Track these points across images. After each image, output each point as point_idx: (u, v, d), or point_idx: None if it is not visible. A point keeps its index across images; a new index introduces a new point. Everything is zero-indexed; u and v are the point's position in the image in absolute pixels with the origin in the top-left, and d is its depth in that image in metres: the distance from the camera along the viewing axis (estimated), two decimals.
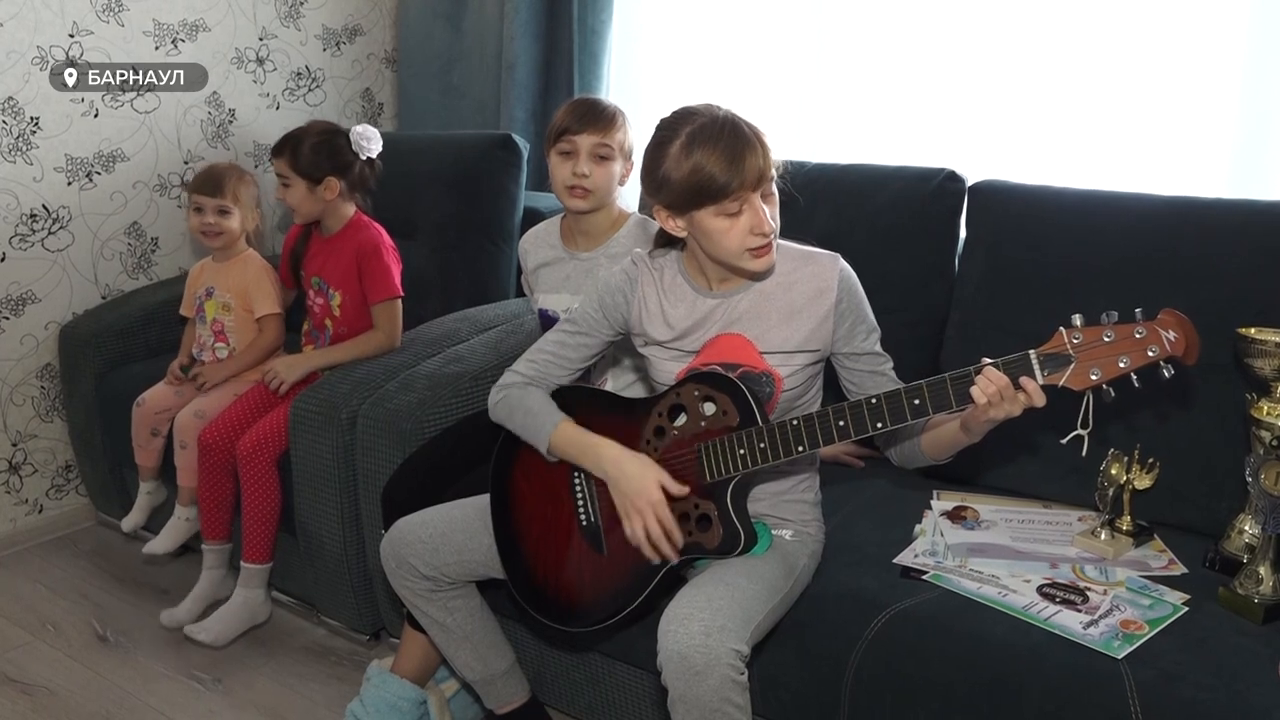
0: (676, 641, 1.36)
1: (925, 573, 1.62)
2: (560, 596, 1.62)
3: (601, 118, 1.89)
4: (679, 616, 1.38)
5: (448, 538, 1.69)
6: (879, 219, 2.12)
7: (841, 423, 1.43)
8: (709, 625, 1.36)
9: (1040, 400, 1.34)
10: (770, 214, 1.47)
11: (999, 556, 1.66)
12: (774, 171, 1.47)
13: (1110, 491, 1.69)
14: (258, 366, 2.46)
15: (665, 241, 1.63)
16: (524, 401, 1.64)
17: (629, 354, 1.90)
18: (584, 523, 1.61)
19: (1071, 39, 2.24)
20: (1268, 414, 1.57)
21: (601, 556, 1.59)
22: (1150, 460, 1.72)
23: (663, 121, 1.52)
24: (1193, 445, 1.77)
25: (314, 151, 2.32)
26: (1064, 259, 1.93)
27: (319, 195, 2.35)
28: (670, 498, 1.51)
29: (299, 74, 3.16)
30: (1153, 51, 2.15)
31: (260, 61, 3.06)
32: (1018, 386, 1.34)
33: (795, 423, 1.45)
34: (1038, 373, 1.34)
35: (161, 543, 2.42)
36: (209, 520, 2.33)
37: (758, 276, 1.55)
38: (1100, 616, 1.49)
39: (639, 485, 1.51)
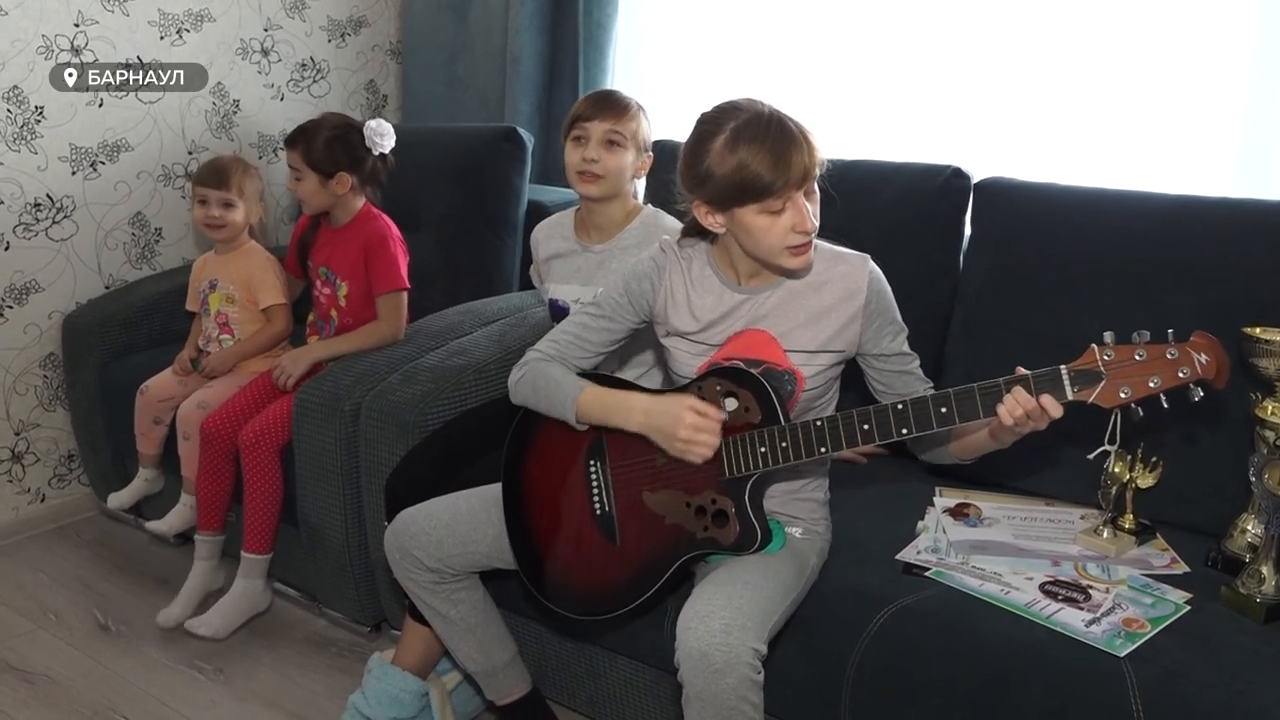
0: (697, 639, 1.35)
1: (927, 569, 1.63)
2: (571, 585, 1.62)
3: (615, 106, 1.90)
4: (699, 614, 1.38)
5: (452, 529, 1.69)
6: (884, 215, 2.12)
7: (866, 426, 1.42)
8: (730, 623, 1.36)
9: (1057, 414, 1.35)
10: (812, 212, 1.46)
11: (1001, 554, 1.67)
12: (819, 170, 1.46)
13: (1113, 490, 1.69)
14: (262, 356, 2.46)
15: (695, 230, 1.61)
16: (546, 373, 1.63)
17: (643, 345, 1.90)
18: (598, 512, 1.61)
19: (1078, 37, 2.24)
20: (1272, 414, 1.57)
21: (614, 547, 1.58)
22: (1153, 459, 1.71)
23: (705, 115, 1.50)
24: (1196, 444, 1.77)
25: (327, 146, 2.32)
26: (1069, 257, 1.92)
27: (330, 189, 2.35)
28: (697, 489, 1.52)
29: (304, 65, 3.16)
30: (1160, 50, 2.15)
31: (265, 52, 3.06)
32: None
33: (819, 424, 1.44)
34: (1068, 388, 1.35)
35: (167, 523, 2.43)
36: (205, 510, 2.33)
37: (794, 275, 1.54)
38: (1102, 614, 1.49)
39: (673, 419, 1.49)
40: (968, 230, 2.12)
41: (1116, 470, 1.69)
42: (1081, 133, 2.27)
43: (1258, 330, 1.60)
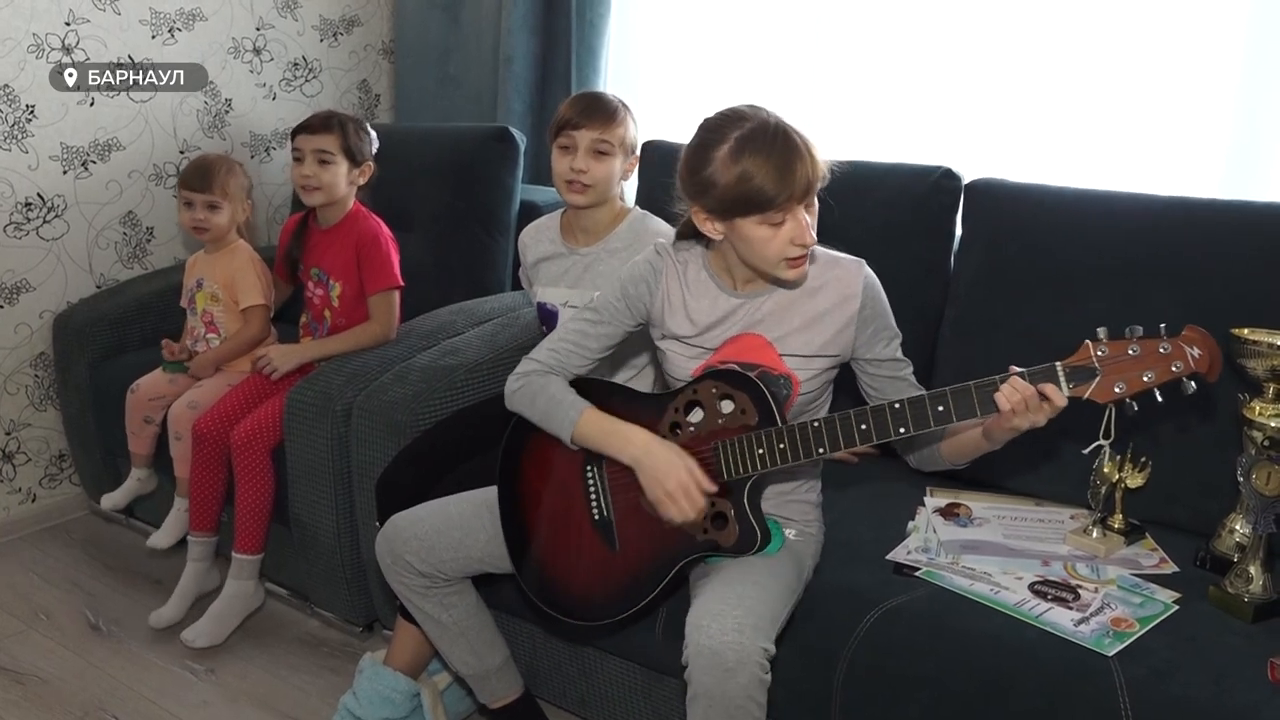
0: (709, 637, 1.35)
1: (918, 569, 1.63)
2: (570, 591, 1.61)
3: (602, 113, 1.88)
4: (712, 613, 1.37)
5: (444, 534, 1.68)
6: (875, 216, 2.12)
7: (864, 426, 1.42)
8: (742, 622, 1.36)
9: (1061, 403, 1.35)
10: (811, 224, 1.45)
11: (991, 554, 1.67)
12: (821, 183, 1.45)
13: (1103, 490, 1.70)
14: (249, 357, 2.45)
15: (690, 233, 1.60)
16: (546, 389, 1.61)
17: (636, 348, 1.89)
18: (596, 517, 1.60)
19: (1069, 38, 2.25)
20: (1259, 414, 1.57)
21: (613, 552, 1.58)
22: (1143, 459, 1.72)
23: (708, 122, 1.49)
24: (1185, 445, 1.78)
25: (358, 134, 2.36)
26: (1059, 257, 1.93)
27: (352, 177, 2.37)
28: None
29: (296, 64, 3.15)
30: (1150, 51, 2.16)
31: (257, 52, 3.05)
32: (1042, 396, 1.35)
33: (816, 424, 1.44)
34: (1063, 384, 1.35)
35: (164, 537, 2.40)
36: (198, 511, 2.33)
37: (789, 285, 1.54)
38: (1091, 614, 1.49)
39: (670, 471, 1.48)
40: (958, 231, 2.12)
41: (1106, 470, 1.70)
42: (1072, 134, 2.28)
43: (1245, 331, 1.60)
